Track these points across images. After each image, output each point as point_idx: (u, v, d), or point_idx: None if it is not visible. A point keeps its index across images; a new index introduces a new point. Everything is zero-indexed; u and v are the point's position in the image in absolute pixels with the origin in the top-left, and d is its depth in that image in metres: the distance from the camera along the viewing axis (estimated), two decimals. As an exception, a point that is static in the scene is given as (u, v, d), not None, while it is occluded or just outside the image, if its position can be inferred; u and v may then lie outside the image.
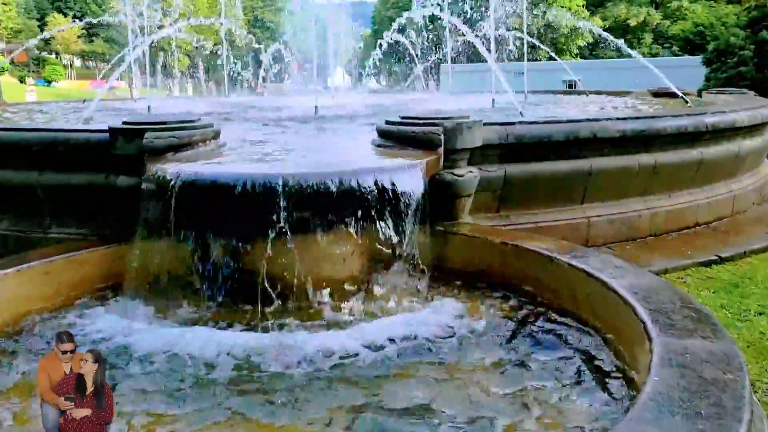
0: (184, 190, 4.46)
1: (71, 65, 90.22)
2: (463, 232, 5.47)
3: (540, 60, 35.88)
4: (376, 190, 4.52)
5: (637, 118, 6.55)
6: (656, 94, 14.43)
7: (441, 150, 5.30)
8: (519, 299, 4.73)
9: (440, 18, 15.15)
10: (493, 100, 10.58)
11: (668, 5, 50.34)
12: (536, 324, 4.31)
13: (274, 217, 4.41)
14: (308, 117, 8.69)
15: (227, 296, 4.76)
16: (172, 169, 4.60)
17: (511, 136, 5.87)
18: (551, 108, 10.62)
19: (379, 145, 5.56)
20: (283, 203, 4.34)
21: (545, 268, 4.70)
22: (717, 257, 6.16)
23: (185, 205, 4.57)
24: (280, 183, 4.24)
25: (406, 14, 10.78)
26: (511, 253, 5.02)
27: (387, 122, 5.65)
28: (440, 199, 5.44)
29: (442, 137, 5.25)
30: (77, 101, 17.00)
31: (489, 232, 5.44)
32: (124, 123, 5.44)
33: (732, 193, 7.66)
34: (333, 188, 4.36)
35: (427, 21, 19.43)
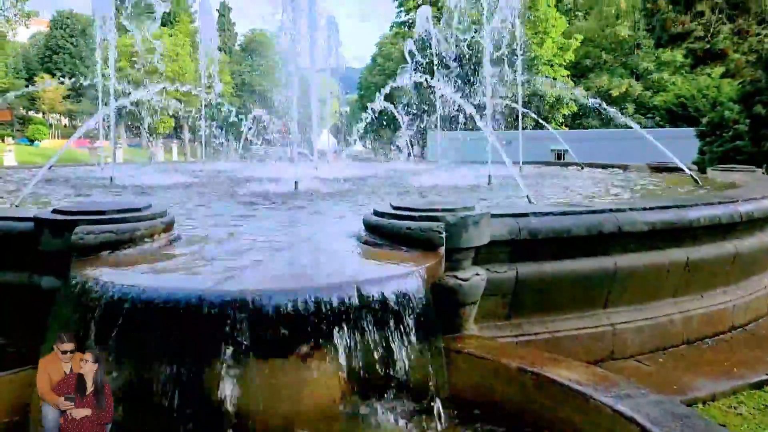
0: (112, 307, 3.42)
1: (63, 124, 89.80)
2: (470, 350, 4.42)
3: (526, 128, 35.91)
4: (363, 308, 3.52)
5: (666, 207, 5.67)
6: (656, 169, 13.83)
7: (442, 250, 4.32)
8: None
9: (429, 85, 14.63)
10: (490, 176, 9.76)
11: (648, 77, 51.37)
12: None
13: (230, 343, 3.38)
14: (287, 195, 7.77)
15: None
16: (100, 277, 3.56)
17: (524, 231, 4.92)
18: (553, 185, 9.82)
19: (366, 242, 4.57)
20: (240, 327, 3.32)
21: (580, 410, 3.65)
22: (769, 376, 5.15)
23: (114, 324, 3.52)
24: (236, 303, 3.23)
25: (395, 82, 10.04)
26: (532, 384, 3.96)
27: (376, 213, 4.68)
28: (440, 307, 4.40)
29: (443, 235, 4.28)
30: (42, 166, 16.00)
31: (502, 352, 4.39)
32: (54, 211, 4.41)
33: (767, 289, 6.74)
34: (306, 308, 3.35)
35: (414, 87, 19.04)
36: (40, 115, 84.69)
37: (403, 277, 3.76)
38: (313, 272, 3.75)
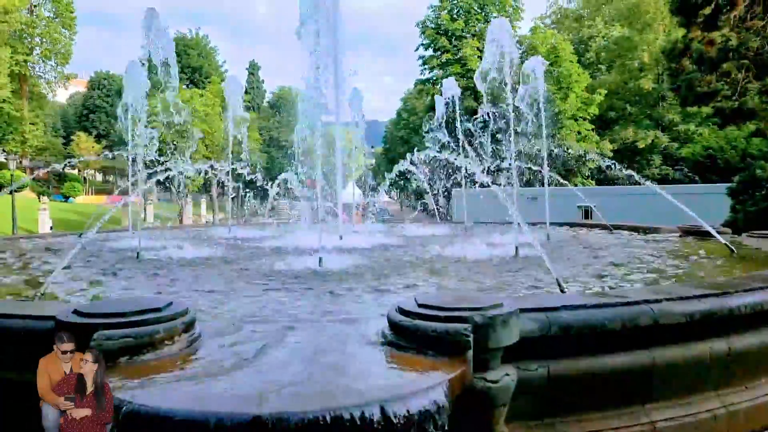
0: (126, 426, 3.33)
1: (97, 180, 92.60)
2: (501, 460, 4.17)
3: (552, 182, 35.68)
4: (386, 425, 3.35)
5: (704, 296, 5.42)
6: (687, 232, 13.44)
7: (470, 354, 4.14)
8: None
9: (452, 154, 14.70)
10: (517, 248, 9.57)
11: (675, 128, 51.06)
12: None
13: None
14: (311, 274, 7.71)
15: None
16: (115, 394, 3.47)
17: (555, 327, 4.73)
18: (582, 258, 9.56)
19: (390, 343, 4.41)
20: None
21: None
22: (828, 484, 4.76)
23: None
24: (252, 428, 3.10)
25: (418, 154, 10.08)
26: (569, 503, 3.70)
27: (400, 311, 4.54)
28: (468, 411, 4.20)
29: (470, 338, 4.12)
30: (74, 233, 16.30)
31: (534, 462, 4.14)
32: (75, 312, 4.37)
33: (816, 376, 6.33)
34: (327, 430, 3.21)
35: (439, 150, 19.17)
36: (75, 172, 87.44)
37: (428, 390, 3.58)
38: (335, 386, 3.59)
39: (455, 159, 10.02)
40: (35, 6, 66.81)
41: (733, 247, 9.77)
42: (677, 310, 5.14)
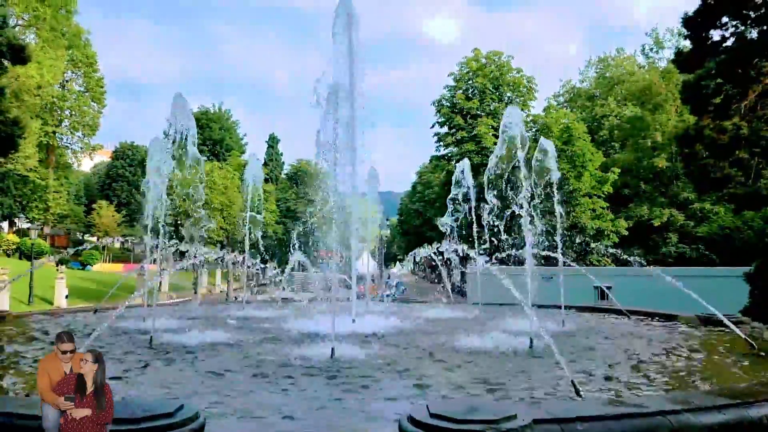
0: None
1: (116, 247, 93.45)
2: None
3: (567, 259, 35.27)
4: None
5: (725, 406, 5.29)
6: (706, 321, 13.20)
7: (483, 471, 4.06)
8: None
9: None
10: (532, 340, 9.45)
11: (690, 207, 50.93)
12: None
13: None
14: (323, 365, 7.67)
15: None
16: None
17: (571, 439, 4.62)
18: (598, 351, 9.39)
19: (401, 454, 4.35)
20: None
21: None
22: None
23: None
24: None
25: (435, 249, 10.19)
26: None
27: (411, 420, 4.49)
28: None
29: (484, 454, 4.04)
30: (89, 308, 16.41)
31: None
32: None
33: None
34: None
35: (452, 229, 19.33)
36: (94, 239, 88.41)
37: None
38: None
39: (472, 252, 10.09)
40: (67, 81, 69.75)
41: (753, 342, 9.56)
42: (696, 422, 5.01)
